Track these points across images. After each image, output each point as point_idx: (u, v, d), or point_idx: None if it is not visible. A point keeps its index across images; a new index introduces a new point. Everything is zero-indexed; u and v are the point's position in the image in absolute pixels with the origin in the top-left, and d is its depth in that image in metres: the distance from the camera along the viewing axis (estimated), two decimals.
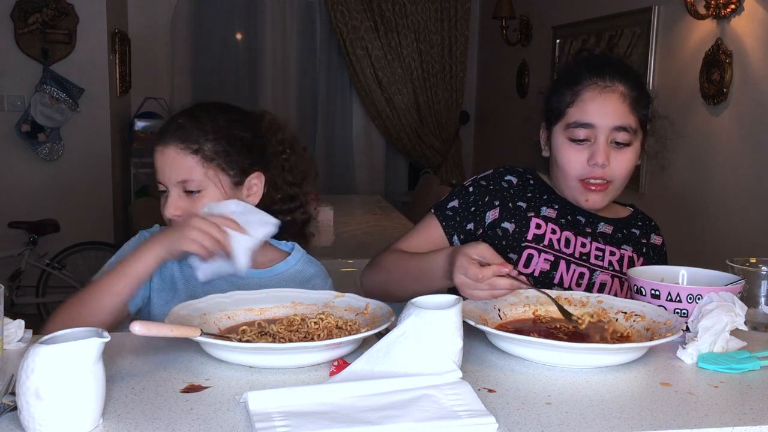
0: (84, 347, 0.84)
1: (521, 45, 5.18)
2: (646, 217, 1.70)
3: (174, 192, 1.45)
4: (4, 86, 4.74)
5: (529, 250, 1.51)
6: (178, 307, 1.18)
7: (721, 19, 3.02)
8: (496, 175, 1.61)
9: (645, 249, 1.61)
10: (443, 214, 1.58)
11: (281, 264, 1.56)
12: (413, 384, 0.97)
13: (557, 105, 1.53)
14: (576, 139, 1.50)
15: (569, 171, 1.52)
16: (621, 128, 1.48)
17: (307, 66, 6.03)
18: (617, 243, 1.59)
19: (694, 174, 3.30)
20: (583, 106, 1.49)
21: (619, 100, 1.49)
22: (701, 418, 0.93)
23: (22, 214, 4.55)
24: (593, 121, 1.48)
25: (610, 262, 1.56)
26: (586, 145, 1.49)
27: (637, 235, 1.62)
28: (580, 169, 1.50)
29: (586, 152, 1.49)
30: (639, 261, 1.59)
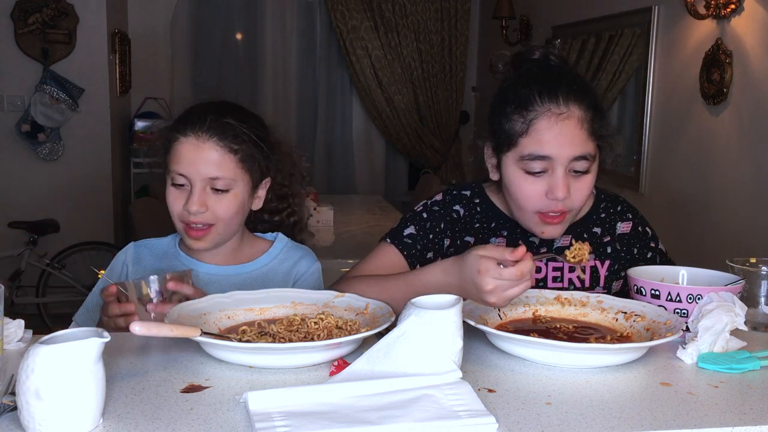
0: (84, 347, 0.84)
1: (521, 45, 5.18)
2: (611, 202, 1.56)
3: (199, 186, 1.43)
4: (4, 86, 4.74)
5: None
6: (177, 307, 1.19)
7: (721, 19, 3.02)
8: (446, 202, 1.52)
9: (609, 248, 1.51)
10: (402, 242, 1.49)
11: (264, 256, 1.58)
12: (413, 384, 0.97)
13: (508, 132, 1.37)
14: (532, 172, 1.35)
15: (526, 205, 1.38)
16: (580, 157, 1.34)
17: (307, 66, 6.03)
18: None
19: (694, 174, 3.31)
20: (538, 137, 1.33)
21: (576, 127, 1.34)
22: (701, 418, 0.93)
23: (22, 214, 4.56)
24: (550, 154, 1.33)
25: (569, 280, 1.48)
26: (543, 177, 1.35)
27: (598, 235, 1.52)
28: (537, 202, 1.36)
29: (543, 184, 1.35)
30: (604, 267, 1.50)
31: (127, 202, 5.25)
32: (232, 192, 1.46)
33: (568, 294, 1.33)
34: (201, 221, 1.45)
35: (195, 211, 1.43)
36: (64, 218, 4.67)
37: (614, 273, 1.52)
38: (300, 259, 1.60)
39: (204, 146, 1.43)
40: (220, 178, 1.44)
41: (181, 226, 1.48)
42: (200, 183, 1.43)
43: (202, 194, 1.43)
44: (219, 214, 1.46)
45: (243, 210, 1.51)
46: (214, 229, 1.47)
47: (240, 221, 1.52)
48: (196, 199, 1.43)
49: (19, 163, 4.80)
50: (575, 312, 1.30)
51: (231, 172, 1.45)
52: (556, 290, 1.36)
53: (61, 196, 4.84)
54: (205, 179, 1.43)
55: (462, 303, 1.06)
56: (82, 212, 4.84)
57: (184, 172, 1.44)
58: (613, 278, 1.52)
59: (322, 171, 6.09)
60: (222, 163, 1.44)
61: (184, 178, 1.44)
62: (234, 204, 1.47)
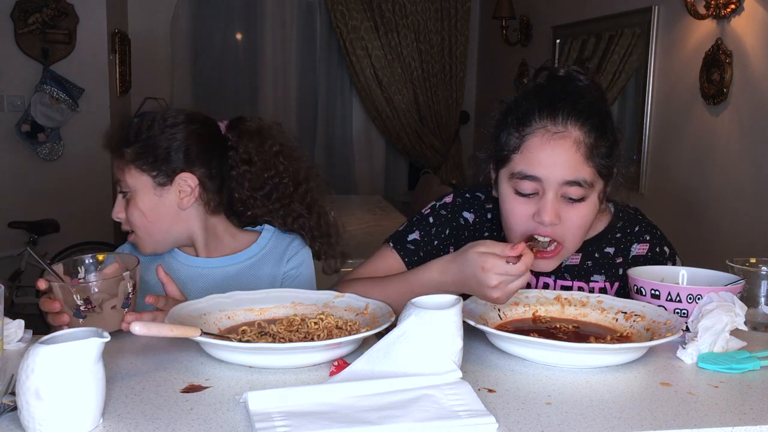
0: (84, 347, 0.84)
1: (521, 45, 5.18)
2: (629, 221, 1.48)
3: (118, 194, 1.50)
4: (4, 86, 4.74)
5: None
6: (177, 307, 1.18)
7: (721, 19, 3.02)
8: (455, 206, 1.48)
9: (621, 270, 1.42)
10: (404, 247, 1.46)
11: (252, 247, 1.59)
12: (413, 384, 0.97)
13: (503, 146, 1.31)
14: (522, 193, 1.29)
15: (515, 225, 1.31)
16: (573, 182, 1.26)
17: (307, 66, 6.03)
18: (586, 276, 1.43)
19: (694, 174, 3.30)
20: (530, 155, 1.26)
21: (571, 149, 1.25)
22: (701, 418, 0.93)
23: (22, 214, 4.56)
24: (540, 174, 1.26)
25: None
26: (533, 199, 1.28)
27: (610, 255, 1.44)
28: (525, 224, 1.29)
29: (532, 206, 1.28)
30: (613, 289, 1.43)
31: None
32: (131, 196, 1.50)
33: (568, 294, 1.33)
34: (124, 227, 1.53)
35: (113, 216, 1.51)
36: (64, 218, 4.67)
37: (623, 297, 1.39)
38: (289, 244, 1.61)
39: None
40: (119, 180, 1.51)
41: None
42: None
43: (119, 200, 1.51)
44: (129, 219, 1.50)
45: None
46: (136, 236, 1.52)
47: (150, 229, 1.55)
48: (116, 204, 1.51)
49: (19, 163, 4.79)
50: (575, 312, 1.30)
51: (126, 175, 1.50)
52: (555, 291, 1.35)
53: (61, 196, 4.84)
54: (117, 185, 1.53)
55: (462, 303, 1.06)
56: (82, 212, 4.84)
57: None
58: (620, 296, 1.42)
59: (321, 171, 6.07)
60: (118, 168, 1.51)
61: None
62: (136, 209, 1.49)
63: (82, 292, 1.18)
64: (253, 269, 1.57)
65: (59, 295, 1.19)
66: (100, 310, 1.19)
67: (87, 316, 1.18)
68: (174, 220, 1.51)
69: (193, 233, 1.54)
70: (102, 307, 1.19)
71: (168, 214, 1.50)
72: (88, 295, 1.18)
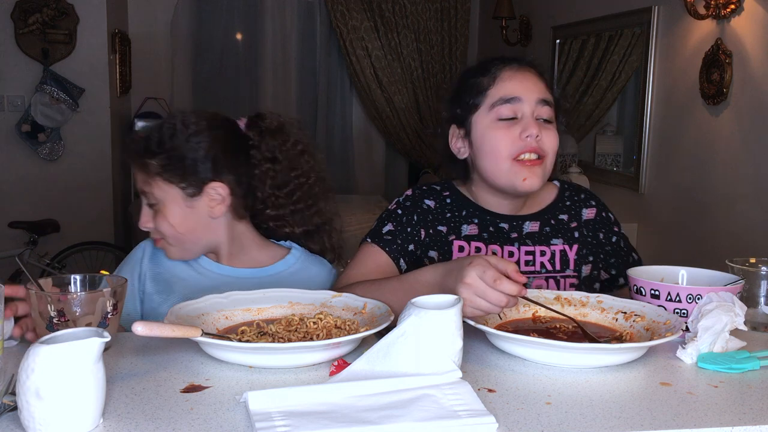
0: (84, 347, 0.84)
1: (521, 45, 5.18)
2: (574, 191, 1.63)
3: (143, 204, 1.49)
4: (5, 86, 4.74)
5: None
6: (176, 307, 1.19)
7: (721, 19, 3.03)
8: (416, 196, 1.56)
9: (577, 233, 1.57)
10: (382, 239, 1.52)
11: (280, 263, 1.56)
12: (413, 384, 0.97)
13: (475, 91, 1.48)
14: (504, 118, 1.45)
15: (502, 150, 1.44)
16: (544, 101, 1.47)
17: (307, 66, 6.03)
18: (546, 240, 1.54)
19: (694, 174, 3.30)
20: (504, 84, 1.46)
21: (535, 77, 1.49)
22: (701, 418, 0.93)
23: (22, 214, 4.55)
24: (519, 95, 1.45)
25: (541, 263, 1.52)
26: (514, 123, 1.45)
27: (565, 221, 1.57)
28: (511, 146, 1.44)
29: (515, 129, 1.44)
30: (573, 250, 1.55)
31: (127, 202, 5.25)
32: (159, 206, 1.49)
33: (567, 294, 1.33)
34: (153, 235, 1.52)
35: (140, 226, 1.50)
36: (64, 218, 4.67)
37: (583, 257, 1.56)
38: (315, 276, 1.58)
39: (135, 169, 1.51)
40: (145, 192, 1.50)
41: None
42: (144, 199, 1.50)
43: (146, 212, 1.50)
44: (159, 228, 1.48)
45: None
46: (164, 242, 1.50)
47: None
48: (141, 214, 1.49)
49: (19, 163, 4.79)
50: (575, 312, 1.30)
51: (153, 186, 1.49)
52: (554, 291, 1.36)
53: (61, 196, 4.84)
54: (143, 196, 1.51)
55: (462, 303, 1.06)
56: (82, 212, 4.84)
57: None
58: (582, 262, 1.56)
59: None
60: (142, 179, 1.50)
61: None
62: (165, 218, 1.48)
63: (57, 303, 1.13)
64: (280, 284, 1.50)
65: (34, 304, 1.13)
66: (74, 325, 1.12)
67: (59, 329, 1.06)
68: (205, 229, 1.49)
69: (220, 240, 1.51)
70: (76, 322, 1.12)
71: (199, 223, 1.48)
72: (62, 308, 1.13)
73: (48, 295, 1.12)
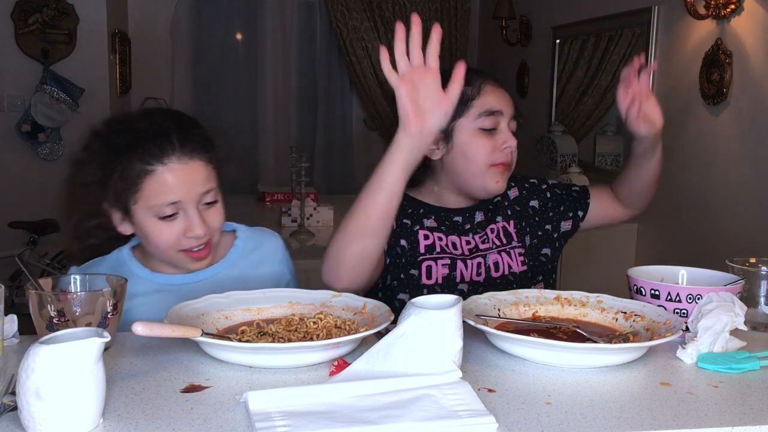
0: (84, 347, 0.84)
1: (521, 45, 5.18)
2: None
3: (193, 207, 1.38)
4: (5, 86, 4.74)
5: (427, 262, 1.60)
6: (176, 307, 1.18)
7: (721, 19, 3.03)
8: None
9: (510, 211, 1.72)
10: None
11: (232, 251, 1.53)
12: (413, 384, 0.97)
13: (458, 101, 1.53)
14: (486, 129, 1.60)
15: (482, 158, 1.59)
16: (517, 116, 1.64)
17: (307, 66, 6.03)
18: (491, 220, 1.70)
19: (694, 174, 3.31)
20: (488, 97, 1.60)
21: (507, 94, 1.65)
22: (701, 418, 0.93)
23: (22, 214, 4.55)
24: (501, 108, 1.60)
25: (492, 240, 1.68)
26: (493, 134, 1.60)
27: (500, 201, 1.73)
28: (491, 155, 1.60)
29: (495, 139, 1.60)
30: (511, 225, 1.70)
31: None
32: (219, 201, 1.43)
33: (567, 294, 1.33)
34: (204, 242, 1.40)
35: (201, 234, 1.37)
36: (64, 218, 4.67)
37: (522, 229, 1.71)
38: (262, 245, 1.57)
39: (189, 166, 1.36)
40: (210, 190, 1.40)
41: (177, 255, 1.40)
42: (193, 204, 1.38)
43: (199, 215, 1.38)
44: (214, 226, 1.42)
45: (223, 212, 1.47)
46: (212, 242, 1.43)
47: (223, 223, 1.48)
48: (197, 221, 1.37)
49: (19, 163, 4.79)
50: (575, 312, 1.30)
51: (214, 181, 1.42)
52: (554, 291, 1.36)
53: None
54: (197, 197, 1.38)
55: (462, 303, 1.06)
56: None
57: (175, 199, 1.35)
58: (523, 234, 1.71)
59: (322, 171, 6.09)
60: (207, 175, 1.40)
61: (175, 207, 1.36)
62: (222, 211, 1.44)
63: (57, 303, 1.12)
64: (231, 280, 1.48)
65: (34, 304, 1.13)
66: (74, 325, 1.11)
67: (59, 329, 1.06)
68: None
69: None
70: (76, 322, 1.12)
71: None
72: (62, 308, 1.12)
73: (48, 295, 1.12)
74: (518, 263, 1.66)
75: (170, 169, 1.35)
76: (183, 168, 1.36)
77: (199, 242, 1.40)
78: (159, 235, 1.37)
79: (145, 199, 1.36)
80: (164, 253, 1.41)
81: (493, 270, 1.63)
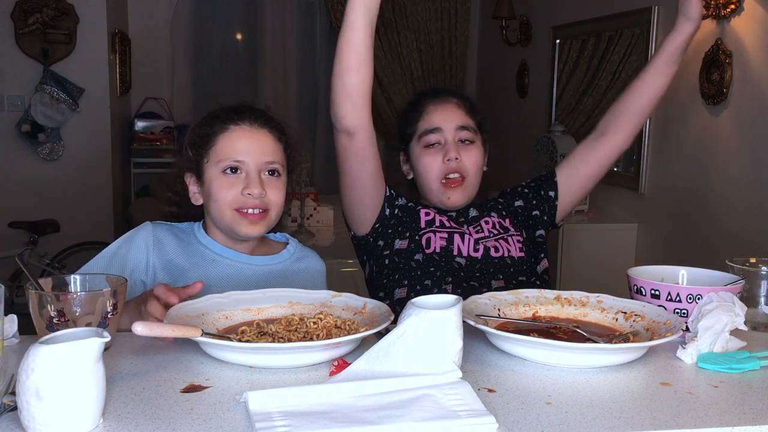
0: (84, 347, 0.84)
1: (521, 45, 5.18)
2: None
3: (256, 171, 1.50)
4: (5, 86, 4.74)
5: (427, 234, 1.70)
6: (176, 307, 1.18)
7: (721, 19, 3.02)
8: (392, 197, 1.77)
9: (502, 209, 1.81)
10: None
11: (284, 252, 1.63)
12: (413, 384, 0.97)
13: (408, 123, 1.78)
14: (429, 144, 1.73)
15: (430, 173, 1.72)
16: (463, 127, 1.73)
17: (307, 66, 6.03)
18: (485, 214, 1.79)
19: (693, 174, 3.30)
20: (428, 117, 1.74)
21: (455, 106, 1.75)
22: (701, 418, 0.93)
23: (22, 214, 4.56)
24: (439, 125, 1.72)
25: (488, 230, 1.76)
26: (438, 148, 1.72)
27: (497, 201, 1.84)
28: (437, 169, 1.72)
29: (440, 154, 1.71)
30: (507, 221, 1.78)
31: (127, 202, 5.25)
32: (281, 178, 1.53)
33: (567, 294, 1.33)
34: (259, 205, 1.49)
35: (258, 194, 1.47)
36: (64, 218, 4.67)
37: (519, 223, 1.79)
38: (308, 257, 1.66)
39: (258, 133, 1.52)
40: (275, 162, 1.51)
41: (233, 214, 1.49)
42: (256, 168, 1.49)
43: (260, 179, 1.49)
44: (273, 200, 1.51)
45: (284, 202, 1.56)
46: (268, 215, 1.51)
47: (281, 213, 1.56)
48: (257, 182, 1.48)
49: (19, 163, 4.79)
50: (575, 312, 1.30)
51: (281, 158, 1.54)
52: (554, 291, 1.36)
53: (61, 196, 4.84)
54: (261, 164, 1.50)
55: (462, 303, 1.06)
56: (82, 212, 4.84)
57: (240, 158, 1.49)
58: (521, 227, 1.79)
59: (322, 171, 6.09)
60: (275, 149, 1.53)
61: (239, 164, 1.49)
62: (283, 190, 1.54)
63: (57, 303, 1.12)
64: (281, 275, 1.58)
65: (34, 304, 1.12)
66: (74, 325, 1.11)
67: (59, 329, 1.06)
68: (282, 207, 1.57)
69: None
70: (76, 322, 1.12)
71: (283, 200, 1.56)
72: (62, 308, 1.12)
73: (48, 295, 1.12)
74: (516, 249, 1.73)
75: (242, 130, 1.52)
76: (253, 132, 1.52)
77: (254, 203, 1.48)
78: (221, 189, 1.49)
79: (216, 154, 1.51)
80: (222, 212, 1.50)
81: (493, 251, 1.70)
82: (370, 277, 1.77)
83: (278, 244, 1.65)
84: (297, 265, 1.62)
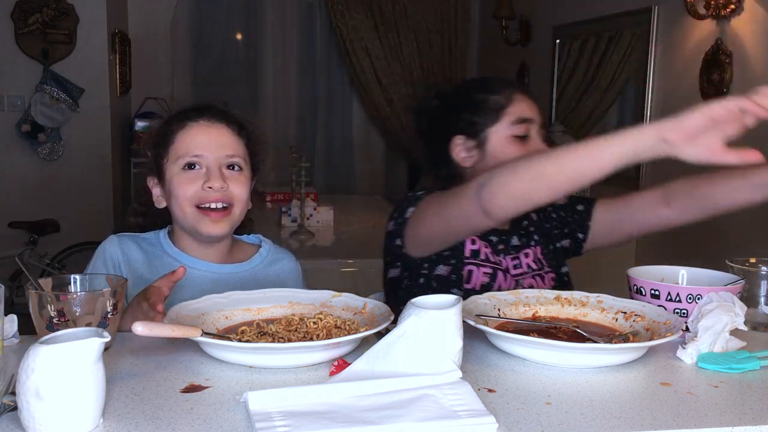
0: (84, 347, 0.84)
1: (521, 45, 5.18)
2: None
3: (216, 166, 1.48)
4: (5, 86, 4.74)
5: (469, 267, 1.59)
6: (176, 307, 1.18)
7: (721, 19, 3.03)
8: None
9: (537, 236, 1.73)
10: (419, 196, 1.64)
11: (256, 256, 1.60)
12: (413, 384, 0.97)
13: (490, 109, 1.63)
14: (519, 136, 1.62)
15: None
16: (543, 125, 1.67)
17: (307, 66, 6.03)
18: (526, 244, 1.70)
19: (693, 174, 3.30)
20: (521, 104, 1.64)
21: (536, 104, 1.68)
22: (701, 418, 0.93)
23: (22, 214, 4.55)
24: (532, 116, 1.64)
25: (527, 264, 1.68)
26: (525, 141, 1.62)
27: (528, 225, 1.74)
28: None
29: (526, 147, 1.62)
30: (538, 251, 1.71)
31: (127, 202, 5.25)
32: (244, 173, 1.51)
33: (567, 294, 1.33)
34: (221, 199, 1.47)
35: (219, 187, 1.45)
36: (64, 218, 4.67)
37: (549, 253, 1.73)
38: (282, 260, 1.64)
39: (216, 127, 1.51)
40: (235, 155, 1.50)
41: (194, 212, 1.47)
42: (216, 162, 1.48)
43: (221, 172, 1.47)
44: (236, 194, 1.49)
45: (248, 199, 1.53)
46: (232, 211, 1.49)
47: (246, 210, 1.54)
48: (217, 175, 1.46)
49: (19, 163, 4.80)
50: (575, 312, 1.30)
51: (242, 153, 1.52)
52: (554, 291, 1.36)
53: (61, 196, 4.84)
54: (220, 158, 1.48)
55: (462, 303, 1.06)
56: (82, 212, 4.84)
57: (199, 152, 1.48)
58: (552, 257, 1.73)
59: (322, 171, 6.09)
60: (235, 143, 1.51)
61: (198, 159, 1.48)
62: (246, 185, 1.51)
63: (57, 303, 1.12)
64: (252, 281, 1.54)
65: (34, 304, 1.12)
66: (74, 325, 1.11)
67: (59, 329, 1.05)
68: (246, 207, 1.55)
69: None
70: (76, 322, 1.11)
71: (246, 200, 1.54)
72: (62, 308, 1.11)
73: (48, 295, 1.12)
74: (549, 287, 1.66)
75: (199, 126, 1.51)
76: (211, 127, 1.51)
77: (216, 196, 1.46)
78: (180, 185, 1.47)
79: (175, 151, 1.49)
80: (184, 210, 1.48)
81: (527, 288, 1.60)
82: (395, 277, 1.65)
83: (251, 247, 1.63)
84: (269, 269, 1.59)
